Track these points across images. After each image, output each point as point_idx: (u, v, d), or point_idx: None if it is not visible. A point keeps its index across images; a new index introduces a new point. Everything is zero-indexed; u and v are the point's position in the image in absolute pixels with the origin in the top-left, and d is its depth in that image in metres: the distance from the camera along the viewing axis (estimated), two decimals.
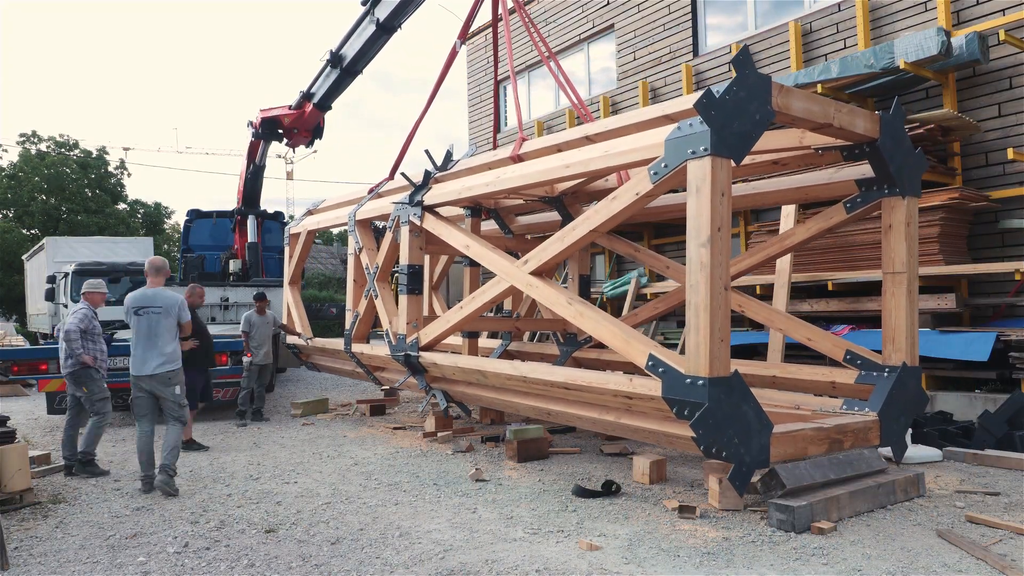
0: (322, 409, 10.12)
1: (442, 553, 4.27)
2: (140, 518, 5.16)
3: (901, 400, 5.86)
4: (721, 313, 4.87)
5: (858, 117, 5.78)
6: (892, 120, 5.97)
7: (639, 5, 13.43)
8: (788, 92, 5.29)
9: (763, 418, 4.96)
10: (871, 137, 5.87)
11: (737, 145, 4.97)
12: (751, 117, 5.03)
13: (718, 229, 4.86)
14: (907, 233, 6.02)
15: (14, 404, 11.65)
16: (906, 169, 6.00)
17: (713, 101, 4.87)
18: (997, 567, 3.85)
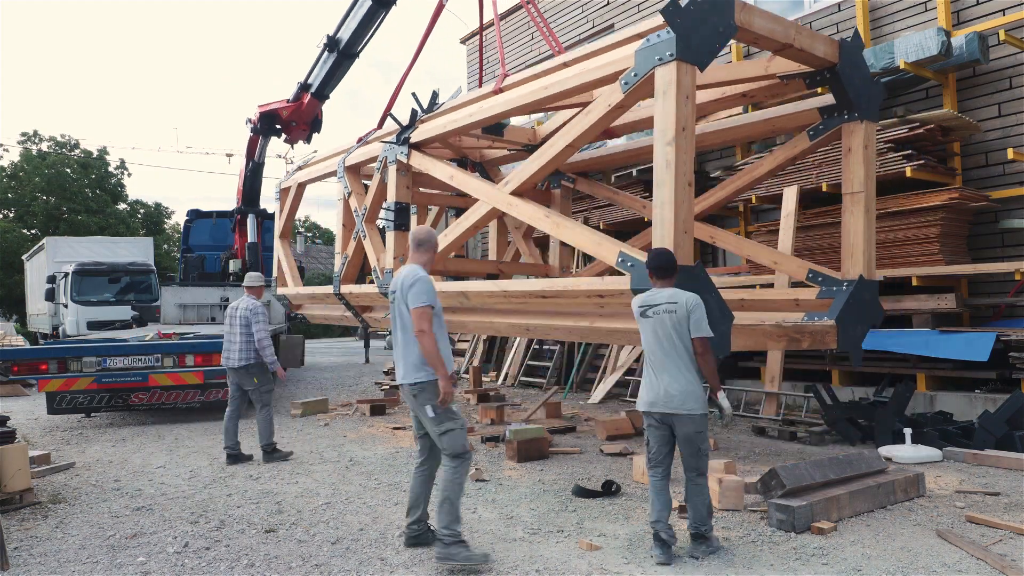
0: (322, 409, 10.13)
1: None
2: (140, 518, 5.16)
3: (858, 309, 6.18)
4: (685, 207, 5.20)
5: (818, 41, 6.16)
6: (851, 47, 6.32)
7: (639, 5, 13.42)
8: (751, 10, 5.67)
9: (725, 309, 5.27)
10: (831, 62, 6.22)
11: (701, 53, 5.32)
12: (714, 29, 5.38)
13: (683, 129, 5.15)
14: (865, 156, 6.39)
15: (14, 404, 11.66)
16: (864, 94, 6.36)
17: (679, 10, 5.24)
18: (997, 567, 3.85)
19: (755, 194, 9.89)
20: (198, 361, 9.09)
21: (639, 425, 7.93)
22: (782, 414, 8.46)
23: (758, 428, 7.93)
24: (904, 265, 8.45)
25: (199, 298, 14.15)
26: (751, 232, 10.87)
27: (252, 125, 13.99)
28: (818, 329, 6.14)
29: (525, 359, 13.03)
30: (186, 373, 9.04)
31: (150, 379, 8.97)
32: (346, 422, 9.26)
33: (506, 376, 13.12)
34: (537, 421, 8.67)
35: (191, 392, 9.24)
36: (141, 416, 10.07)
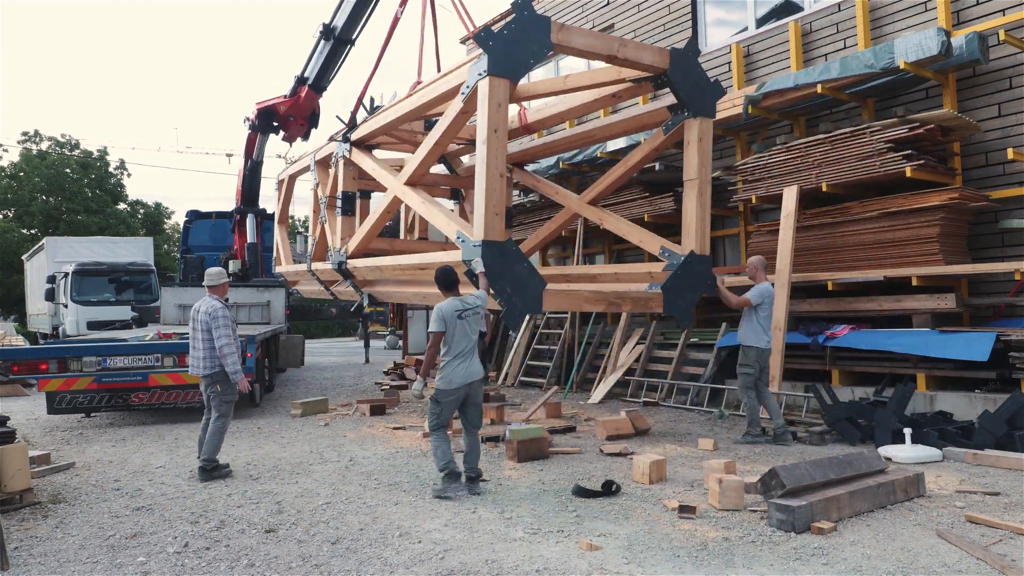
0: (322, 409, 10.12)
1: (442, 553, 4.27)
2: (140, 518, 5.16)
3: (687, 280, 7.22)
4: (496, 194, 6.32)
5: (645, 51, 7.24)
6: (681, 54, 7.41)
7: (639, 5, 13.42)
8: (568, 30, 6.69)
9: (536, 277, 6.51)
10: (661, 68, 7.27)
11: (513, 68, 6.43)
12: (528, 48, 6.45)
13: (494, 131, 6.32)
14: (699, 148, 7.40)
15: (14, 404, 11.66)
16: (696, 95, 7.45)
17: (491, 35, 6.35)
18: (997, 567, 3.85)
19: (755, 194, 9.89)
20: None
21: (640, 426, 7.94)
22: (782, 414, 8.46)
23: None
24: (904, 265, 8.45)
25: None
26: (751, 231, 10.88)
27: (250, 123, 13.99)
28: (641, 296, 7.40)
29: (525, 359, 13.03)
30: (186, 373, 9.01)
31: (150, 379, 8.97)
32: (346, 422, 9.27)
33: (506, 376, 13.12)
34: (537, 421, 8.67)
35: (191, 392, 9.22)
36: (141, 416, 10.07)
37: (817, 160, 9.15)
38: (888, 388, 7.83)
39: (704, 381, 10.00)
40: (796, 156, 9.43)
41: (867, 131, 8.65)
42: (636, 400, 10.45)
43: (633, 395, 10.71)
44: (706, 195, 7.39)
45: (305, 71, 12.52)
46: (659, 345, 11.26)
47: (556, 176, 14.16)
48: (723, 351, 10.09)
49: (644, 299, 7.38)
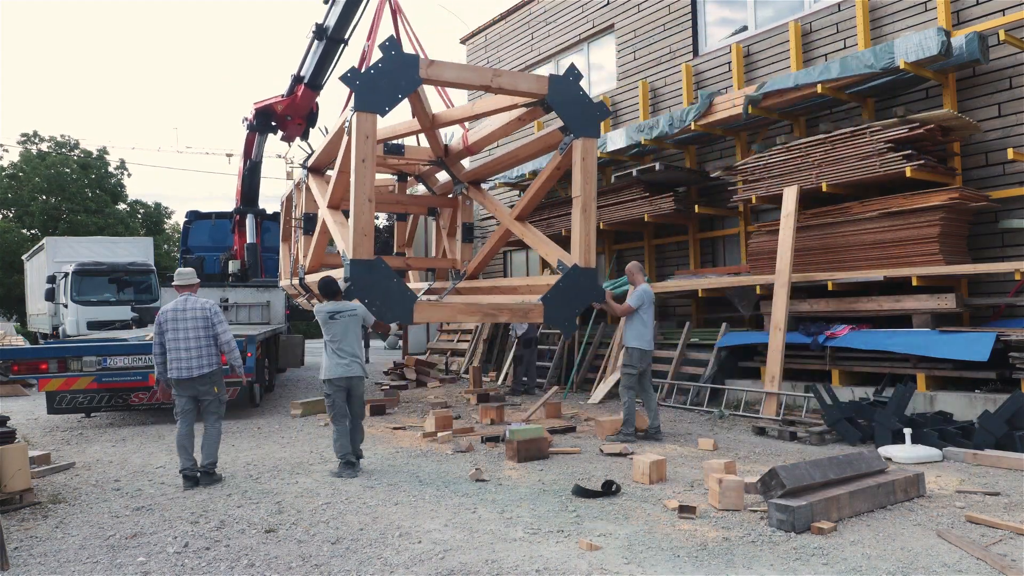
0: (322, 409, 10.10)
1: (442, 553, 4.27)
2: (140, 518, 5.16)
3: (569, 292, 7.59)
4: (364, 217, 6.99)
5: (521, 80, 7.80)
6: (561, 80, 7.83)
7: (639, 5, 13.43)
8: (439, 65, 7.29)
9: (407, 293, 7.18)
10: (540, 94, 7.74)
11: (380, 104, 7.05)
12: (396, 84, 7.06)
13: (362, 161, 7.01)
14: (583, 167, 7.83)
15: (14, 404, 11.65)
16: (577, 117, 7.84)
17: (357, 75, 7.00)
18: (997, 567, 3.85)
19: (755, 194, 9.90)
20: None
21: (641, 427, 7.93)
22: (782, 414, 8.46)
23: (758, 428, 7.94)
24: (904, 265, 8.45)
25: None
26: (751, 231, 10.88)
27: (248, 123, 13.98)
28: (520, 308, 7.86)
29: None
30: None
31: (150, 378, 8.94)
32: None
33: (506, 376, 13.11)
34: (537, 421, 8.68)
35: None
36: (141, 416, 10.07)
37: (817, 160, 9.15)
38: (888, 388, 7.83)
39: (704, 381, 10.00)
40: (796, 156, 9.43)
41: (867, 131, 8.65)
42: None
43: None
44: (590, 211, 7.83)
45: (301, 70, 12.53)
46: (659, 345, 11.26)
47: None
48: (723, 351, 10.09)
49: (523, 311, 7.86)
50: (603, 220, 12.47)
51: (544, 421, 8.74)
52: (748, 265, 10.61)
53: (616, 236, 13.73)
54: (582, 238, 7.72)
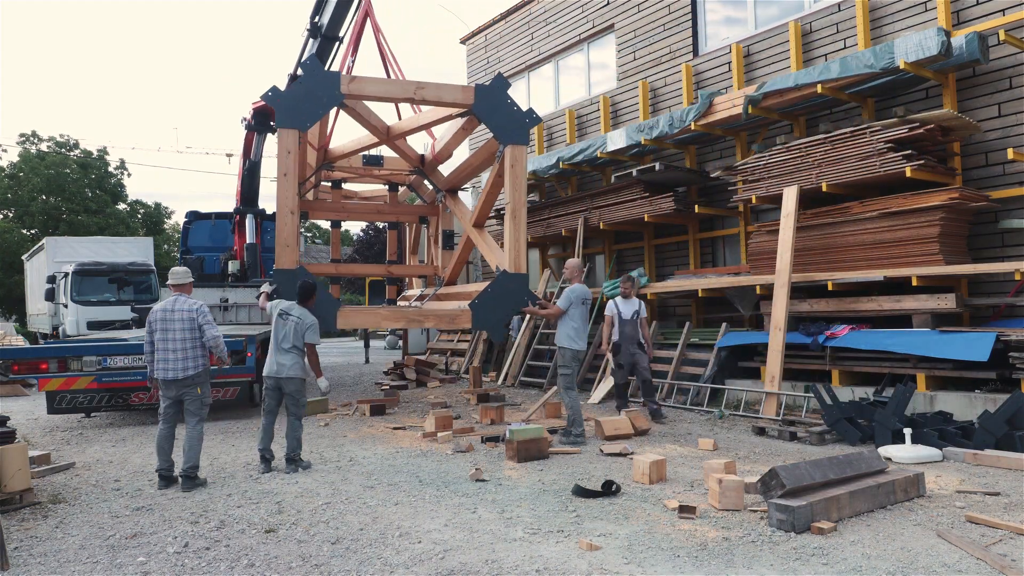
0: (322, 409, 10.12)
1: (442, 553, 4.27)
2: (140, 518, 5.16)
3: (497, 297, 7.92)
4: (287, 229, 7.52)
5: (446, 91, 8.03)
6: (487, 90, 8.08)
7: (639, 5, 13.43)
8: (360, 80, 7.73)
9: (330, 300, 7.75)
10: (466, 105, 8.04)
11: (302, 120, 7.54)
12: (318, 100, 7.52)
13: (284, 175, 7.47)
14: (511, 173, 8.01)
15: (14, 404, 11.66)
16: (504, 126, 8.05)
17: (278, 94, 7.57)
18: (997, 567, 3.85)
19: (755, 194, 9.90)
20: None
21: (640, 426, 7.94)
22: (782, 414, 8.46)
23: (758, 428, 7.93)
24: (904, 265, 8.45)
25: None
26: (751, 231, 10.88)
27: (247, 123, 13.96)
28: (448, 313, 8.12)
29: (525, 359, 13.02)
30: None
31: None
32: (346, 422, 9.26)
33: (506, 376, 13.11)
34: (537, 421, 8.68)
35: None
36: (141, 416, 10.07)
37: (817, 160, 9.15)
38: (888, 388, 7.83)
39: (704, 381, 10.00)
40: (796, 156, 9.43)
41: (867, 131, 8.65)
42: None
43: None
44: (519, 218, 8.03)
45: (296, 69, 12.49)
46: (659, 345, 11.26)
47: (556, 176, 14.31)
48: (723, 351, 10.09)
49: (449, 316, 8.17)
50: (603, 220, 12.48)
51: (544, 421, 8.73)
52: (748, 265, 10.61)
53: (616, 236, 13.73)
54: (512, 244, 7.93)
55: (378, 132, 9.58)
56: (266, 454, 6.56)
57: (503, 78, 8.23)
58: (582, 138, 14.55)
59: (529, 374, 12.89)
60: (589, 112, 14.58)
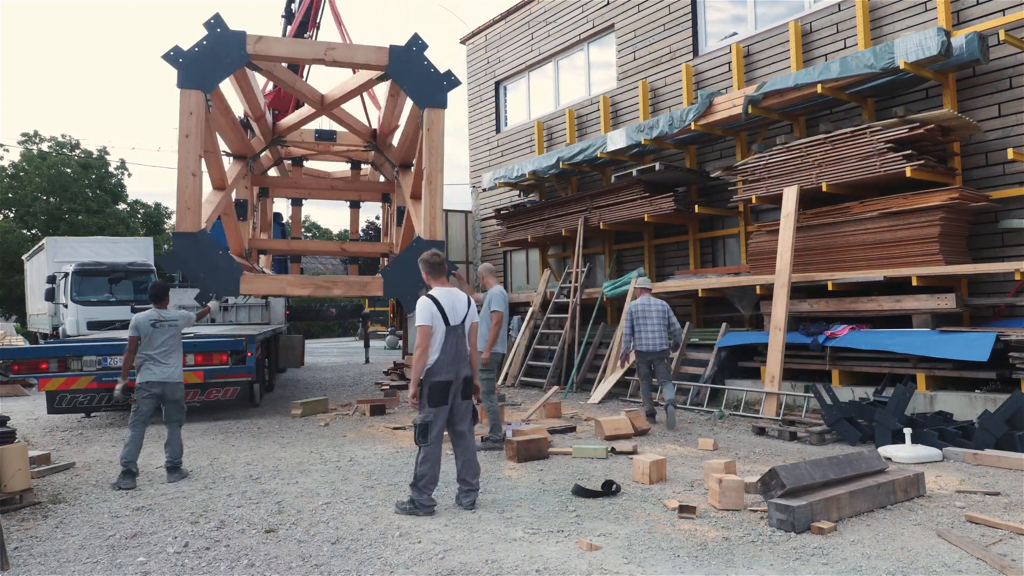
0: (322, 409, 10.12)
1: (442, 553, 4.27)
2: (140, 518, 5.16)
3: (410, 265, 7.67)
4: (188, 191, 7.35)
5: (358, 51, 7.86)
6: (402, 51, 7.83)
7: (639, 5, 13.43)
8: (267, 41, 7.52)
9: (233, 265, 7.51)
10: (379, 66, 7.84)
11: (204, 81, 7.40)
12: (222, 61, 7.41)
13: (186, 136, 7.31)
14: (428, 137, 7.73)
15: (14, 404, 11.66)
16: (422, 88, 7.82)
17: (180, 53, 7.32)
18: (997, 567, 3.85)
19: (755, 194, 9.90)
20: (198, 360, 9.06)
21: (640, 426, 7.94)
22: (782, 414, 8.46)
23: (758, 428, 7.93)
24: (904, 265, 8.45)
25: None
26: (751, 231, 10.88)
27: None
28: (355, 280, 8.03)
29: (525, 359, 13.03)
30: (186, 372, 9.01)
31: None
32: (346, 422, 9.26)
33: (506, 376, 13.12)
34: (537, 421, 8.68)
35: (191, 391, 9.21)
36: None
37: (817, 160, 9.15)
38: (888, 388, 7.83)
39: (704, 381, 10.00)
40: (796, 156, 9.43)
41: (867, 131, 8.65)
42: (636, 400, 10.44)
43: (633, 395, 10.71)
44: (436, 183, 7.76)
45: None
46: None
47: (556, 176, 14.31)
48: (723, 351, 10.09)
49: (360, 283, 8.01)
50: (603, 220, 12.48)
51: (544, 421, 8.74)
52: (748, 265, 10.61)
53: (616, 236, 13.73)
54: (427, 210, 7.69)
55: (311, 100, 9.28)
56: (133, 467, 6.07)
57: (419, 38, 7.93)
58: (582, 138, 14.55)
59: (529, 374, 12.89)
60: (589, 112, 14.58)
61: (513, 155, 16.72)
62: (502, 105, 17.52)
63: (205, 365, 9.09)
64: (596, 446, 6.91)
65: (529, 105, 16.60)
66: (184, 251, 7.22)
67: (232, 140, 10.16)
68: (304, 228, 59.36)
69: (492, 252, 17.47)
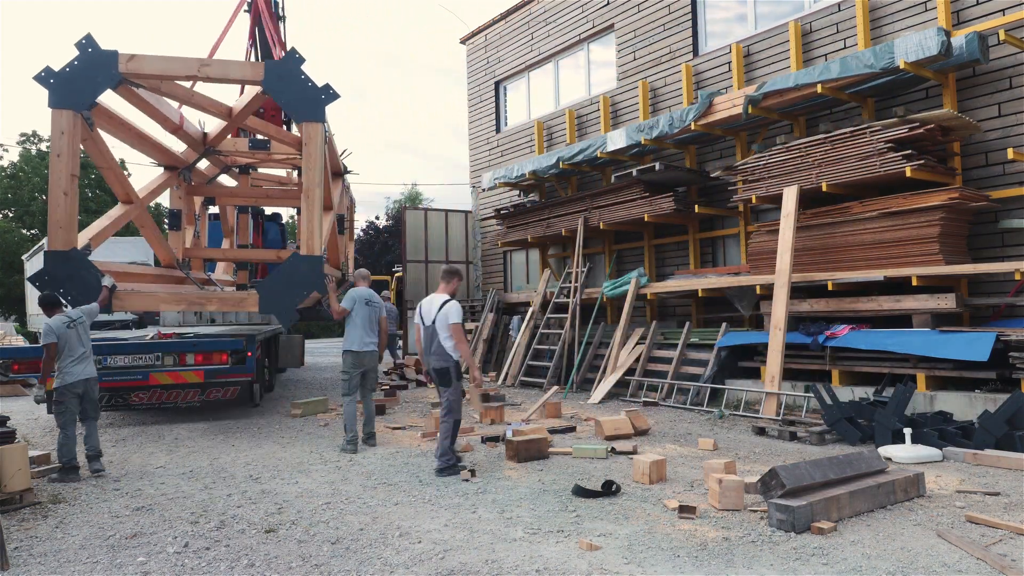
0: (322, 409, 10.12)
1: (442, 553, 4.27)
2: (140, 518, 5.16)
3: (287, 280, 7.70)
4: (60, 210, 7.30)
5: (233, 67, 8.02)
6: (279, 65, 7.91)
7: (639, 5, 13.43)
8: (140, 59, 7.56)
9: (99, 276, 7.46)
10: (255, 81, 7.85)
11: (77, 100, 7.38)
12: (94, 80, 7.41)
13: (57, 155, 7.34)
14: (306, 152, 7.73)
15: (14, 404, 11.66)
16: (298, 103, 7.78)
17: (51, 74, 7.30)
18: (997, 567, 3.85)
19: (755, 194, 9.90)
20: (199, 360, 9.07)
21: (640, 426, 7.94)
22: (782, 414, 8.46)
23: (758, 428, 7.93)
24: (904, 265, 8.45)
25: None
26: (751, 231, 10.88)
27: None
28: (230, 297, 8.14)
29: (525, 359, 13.03)
30: (187, 372, 9.02)
31: (151, 378, 8.94)
32: None
33: (506, 376, 13.12)
34: (537, 421, 8.68)
35: (191, 391, 9.21)
36: (141, 416, 10.07)
37: (817, 160, 9.15)
38: (888, 388, 7.83)
39: (704, 381, 10.00)
40: (796, 156, 9.43)
41: (867, 131, 8.65)
42: (636, 400, 10.45)
43: (633, 395, 10.71)
44: (312, 198, 7.72)
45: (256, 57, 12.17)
46: (659, 345, 11.26)
47: (556, 176, 14.32)
48: (723, 351, 10.09)
49: (235, 300, 8.03)
50: (603, 220, 12.48)
51: (544, 421, 8.74)
52: (748, 265, 10.61)
53: (616, 236, 13.74)
54: (305, 225, 7.68)
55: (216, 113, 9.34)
56: (74, 462, 6.44)
57: (296, 53, 7.94)
58: (582, 138, 14.55)
59: (529, 374, 12.89)
60: (589, 112, 14.58)
61: (513, 155, 16.72)
62: (502, 105, 17.52)
63: (205, 365, 9.09)
64: (596, 446, 6.91)
65: (529, 105, 16.60)
66: (55, 270, 7.25)
67: (153, 153, 10.33)
68: None
69: (492, 252, 17.48)
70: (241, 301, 7.99)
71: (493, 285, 17.20)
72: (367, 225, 38.18)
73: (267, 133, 10.44)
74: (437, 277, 7.90)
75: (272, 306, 7.69)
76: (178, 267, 10.29)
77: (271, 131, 10.35)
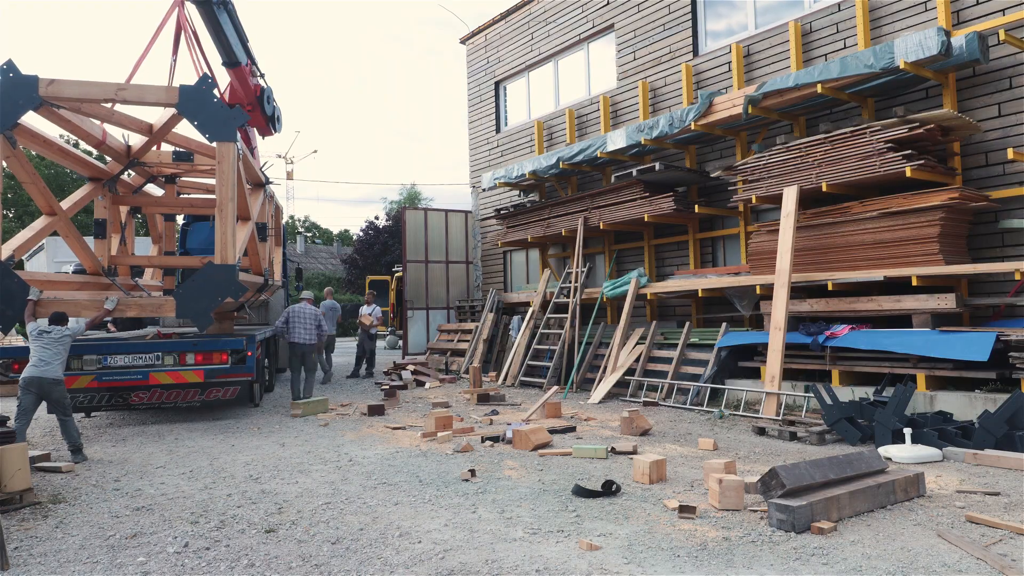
0: (322, 409, 10.12)
1: (442, 553, 4.27)
2: (140, 518, 5.16)
3: (202, 286, 8.26)
4: None
5: (149, 92, 8.39)
6: (192, 90, 8.36)
7: (639, 5, 13.43)
8: (59, 83, 8.05)
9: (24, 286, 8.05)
10: (171, 104, 8.40)
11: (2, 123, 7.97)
12: (15, 103, 8.03)
13: None
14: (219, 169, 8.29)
15: (14, 404, 11.62)
16: (212, 123, 8.34)
17: None
18: (997, 567, 3.85)
19: (755, 194, 9.90)
20: (199, 360, 9.08)
21: (640, 426, 7.93)
22: (782, 414, 8.46)
23: (758, 428, 7.93)
24: (904, 265, 8.46)
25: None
26: (751, 231, 10.88)
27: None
28: (149, 303, 8.51)
29: (525, 359, 13.03)
30: (187, 371, 9.03)
31: (151, 377, 8.95)
32: (345, 422, 9.26)
33: (506, 376, 13.12)
34: (537, 421, 8.67)
35: (191, 391, 9.22)
36: (141, 416, 10.07)
37: (817, 160, 9.15)
38: (888, 388, 7.83)
39: (704, 381, 10.00)
40: (796, 156, 9.44)
41: (867, 131, 8.65)
42: (636, 400, 10.45)
43: (633, 395, 10.72)
44: (226, 212, 8.30)
45: (223, 58, 11.94)
46: (659, 345, 11.27)
47: (556, 176, 14.35)
48: (723, 351, 10.09)
49: (153, 305, 8.45)
50: (603, 220, 12.48)
51: (544, 421, 8.74)
52: (748, 265, 10.61)
53: (616, 236, 13.74)
54: (219, 236, 8.29)
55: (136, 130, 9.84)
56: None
57: (208, 78, 8.65)
58: (582, 138, 14.55)
59: (529, 374, 12.90)
60: (589, 112, 14.59)
61: (513, 155, 16.72)
62: (502, 105, 17.53)
63: (205, 364, 9.10)
64: (596, 446, 6.91)
65: (529, 105, 16.60)
66: None
67: (77, 166, 10.71)
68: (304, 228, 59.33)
69: (492, 252, 17.48)
70: (159, 307, 8.48)
71: (493, 285, 17.21)
72: (367, 225, 38.22)
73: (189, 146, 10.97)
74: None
75: (188, 311, 8.25)
76: (103, 274, 10.64)
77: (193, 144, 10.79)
